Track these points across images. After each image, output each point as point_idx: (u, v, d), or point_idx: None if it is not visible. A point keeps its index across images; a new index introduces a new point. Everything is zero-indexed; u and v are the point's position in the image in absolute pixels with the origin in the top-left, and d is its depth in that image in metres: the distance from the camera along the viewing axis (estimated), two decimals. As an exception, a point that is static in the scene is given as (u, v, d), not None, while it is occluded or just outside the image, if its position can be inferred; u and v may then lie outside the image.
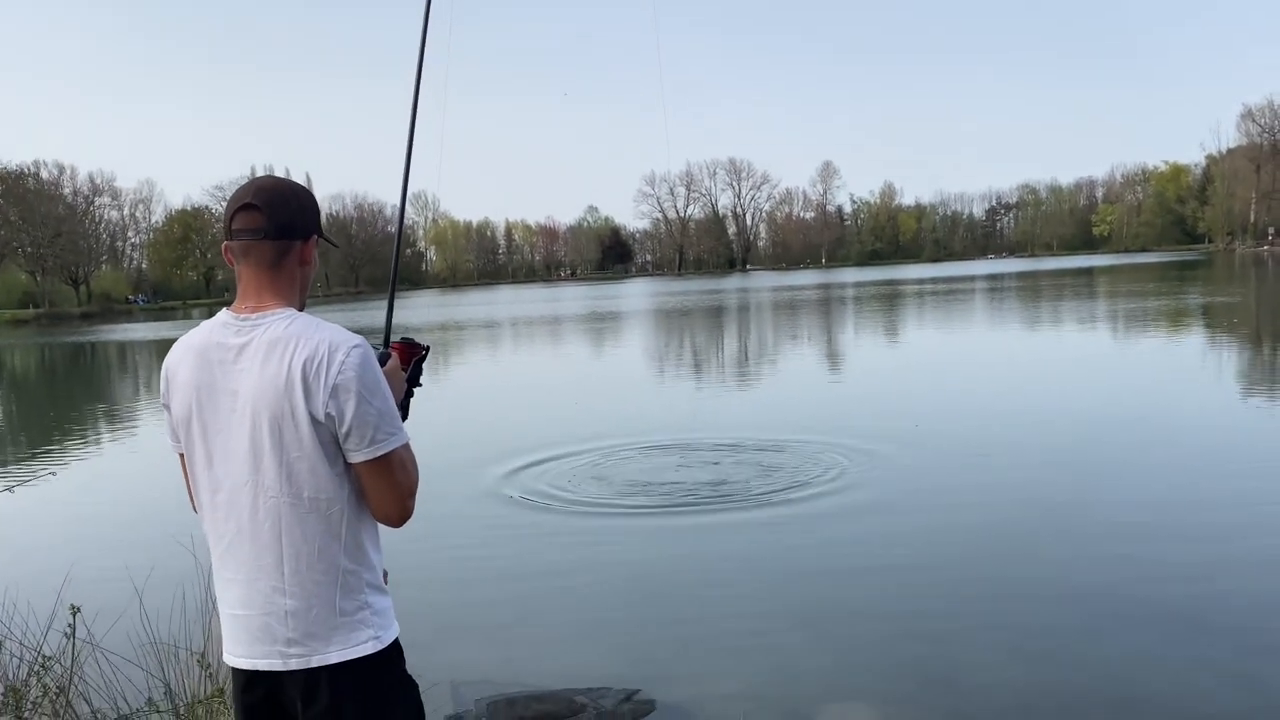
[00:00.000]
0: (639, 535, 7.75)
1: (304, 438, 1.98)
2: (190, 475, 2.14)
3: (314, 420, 1.97)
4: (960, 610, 5.74)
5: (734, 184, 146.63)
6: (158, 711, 3.62)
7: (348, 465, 2.03)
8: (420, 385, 2.49)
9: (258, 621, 2.05)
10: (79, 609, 3.78)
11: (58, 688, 3.74)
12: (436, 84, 2.79)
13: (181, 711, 3.68)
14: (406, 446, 2.08)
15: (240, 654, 2.09)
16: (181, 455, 2.17)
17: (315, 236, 2.15)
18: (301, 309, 2.12)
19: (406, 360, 2.43)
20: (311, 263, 2.15)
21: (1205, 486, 8.27)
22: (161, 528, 8.52)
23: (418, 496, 2.12)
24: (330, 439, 1.99)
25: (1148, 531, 7.08)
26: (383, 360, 2.31)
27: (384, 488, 2.05)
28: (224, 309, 2.11)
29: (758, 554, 7.01)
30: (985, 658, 5.10)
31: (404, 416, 2.26)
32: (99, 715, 3.49)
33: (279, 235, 2.07)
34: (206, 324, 2.12)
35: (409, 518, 2.11)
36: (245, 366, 2.01)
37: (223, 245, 2.13)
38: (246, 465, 2.02)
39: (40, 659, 3.81)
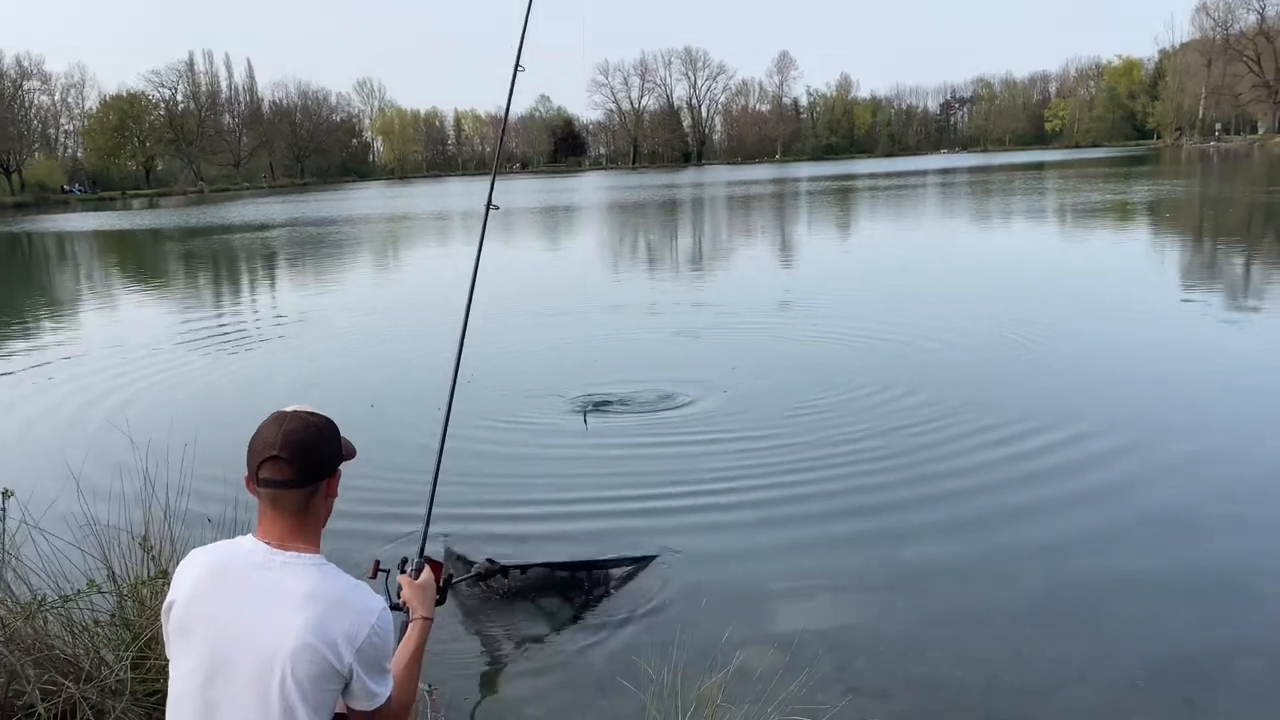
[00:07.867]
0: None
1: (316, 688, 2.09)
2: (173, 681, 2.17)
3: (332, 673, 2.10)
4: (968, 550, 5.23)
5: (689, 74, 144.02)
6: (100, 592, 3.59)
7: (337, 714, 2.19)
8: (443, 603, 2.94)
9: None
10: (12, 492, 3.73)
11: (-6, 571, 3.71)
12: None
13: (125, 591, 3.68)
14: (399, 702, 2.30)
15: None
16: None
17: (339, 469, 2.30)
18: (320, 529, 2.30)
19: (438, 577, 2.83)
20: (336, 493, 2.30)
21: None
22: (99, 411, 8.46)
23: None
24: (336, 690, 2.14)
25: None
26: (418, 570, 2.81)
27: None
28: (248, 535, 2.23)
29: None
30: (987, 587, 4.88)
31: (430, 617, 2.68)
32: (39, 596, 3.47)
33: (305, 482, 2.19)
34: (226, 545, 2.23)
35: None
36: (275, 609, 2.10)
37: (245, 478, 2.23)
38: (255, 696, 2.07)
39: (-25, 543, 3.76)
